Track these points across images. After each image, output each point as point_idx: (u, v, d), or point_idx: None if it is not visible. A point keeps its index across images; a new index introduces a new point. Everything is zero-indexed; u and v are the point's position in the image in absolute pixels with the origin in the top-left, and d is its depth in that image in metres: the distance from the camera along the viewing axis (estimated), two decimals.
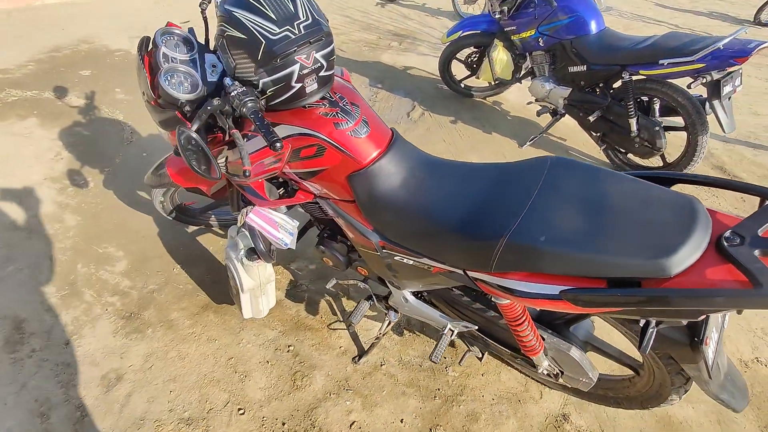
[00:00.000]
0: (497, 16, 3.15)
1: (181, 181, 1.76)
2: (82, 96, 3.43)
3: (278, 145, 1.05)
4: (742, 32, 2.31)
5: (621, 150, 3.04)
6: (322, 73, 1.18)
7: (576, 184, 1.04)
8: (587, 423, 1.57)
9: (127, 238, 2.24)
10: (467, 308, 1.44)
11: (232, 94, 1.13)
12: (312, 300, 1.97)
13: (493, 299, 1.22)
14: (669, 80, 2.56)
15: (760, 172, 3.21)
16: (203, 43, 1.42)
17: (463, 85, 3.88)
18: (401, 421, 1.56)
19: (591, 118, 2.89)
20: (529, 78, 3.33)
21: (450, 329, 1.46)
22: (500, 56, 3.26)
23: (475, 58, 3.68)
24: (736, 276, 0.82)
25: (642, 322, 1.02)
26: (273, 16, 1.08)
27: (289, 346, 1.78)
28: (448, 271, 1.22)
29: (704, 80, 2.41)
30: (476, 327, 1.41)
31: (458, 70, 3.86)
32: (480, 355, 1.56)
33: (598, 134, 3.02)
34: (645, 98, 2.77)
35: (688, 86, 2.44)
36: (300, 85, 1.17)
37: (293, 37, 1.09)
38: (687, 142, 2.68)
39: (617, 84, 2.83)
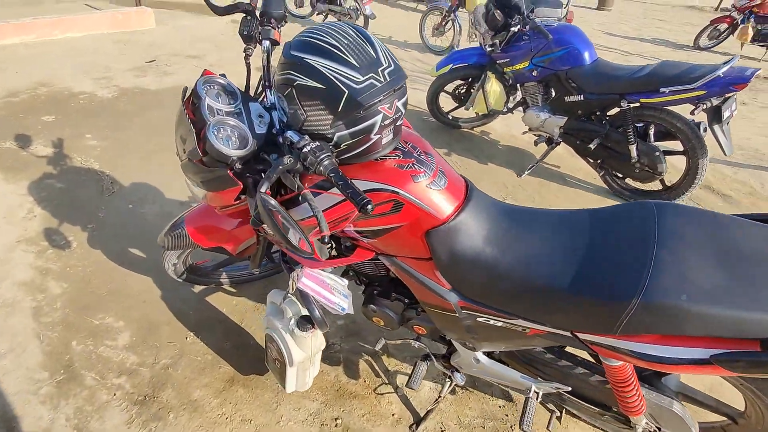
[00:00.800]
0: (489, 49, 3.17)
1: (204, 241, 1.58)
2: (49, 144, 3.13)
3: (369, 207, 0.91)
4: (735, 60, 2.41)
5: (619, 175, 3.08)
6: (398, 123, 1.07)
7: (698, 232, 0.97)
8: None
9: (126, 304, 1.99)
10: (550, 366, 1.32)
11: (305, 150, 0.98)
12: (349, 362, 1.79)
13: (603, 360, 1.12)
14: (667, 107, 2.63)
15: (745, 190, 3.34)
16: (245, 90, 1.27)
17: (450, 117, 3.87)
18: None
19: (591, 146, 2.92)
20: (521, 108, 3.36)
21: (535, 391, 1.33)
22: (494, 88, 3.27)
23: (463, 90, 3.69)
24: None
25: None
26: (355, 63, 0.96)
27: (336, 419, 1.59)
28: (548, 333, 1.11)
29: (704, 106, 2.49)
30: (569, 389, 1.30)
31: (444, 101, 3.86)
32: (558, 414, 1.45)
33: (597, 161, 3.06)
34: (641, 124, 2.83)
35: (692, 112, 2.50)
36: (378, 136, 1.05)
37: (379, 85, 0.97)
38: (687, 165, 2.75)
39: (613, 111, 2.89)
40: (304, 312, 1.39)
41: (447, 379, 1.55)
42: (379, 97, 0.97)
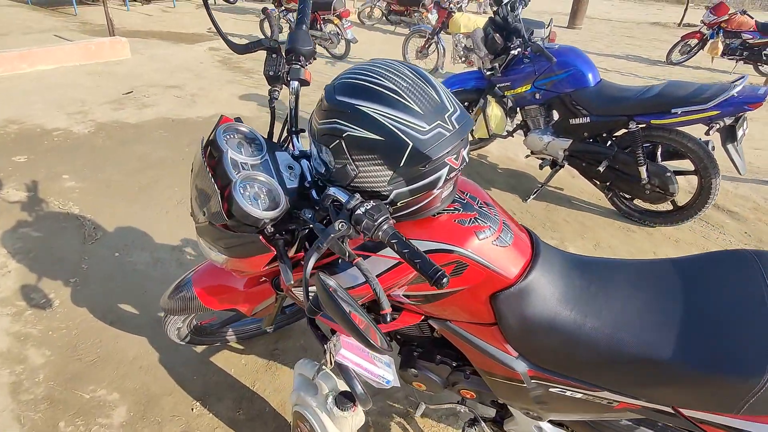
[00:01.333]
0: (489, 72, 3.09)
1: (215, 303, 1.39)
2: (22, 187, 2.87)
3: (445, 280, 0.76)
4: (746, 79, 2.37)
5: (627, 196, 3.01)
6: (456, 176, 0.92)
7: None
8: None
9: (120, 371, 1.76)
10: None
11: (358, 212, 0.82)
12: (380, 425, 1.61)
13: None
14: (678, 128, 2.57)
15: (748, 205, 3.32)
16: (268, 137, 1.11)
17: None
18: None
19: (600, 168, 2.85)
20: (522, 131, 3.28)
21: None
22: (495, 112, 3.18)
23: None
24: None
25: None
26: (419, 110, 0.81)
27: None
28: (643, 408, 0.96)
29: (718, 126, 2.44)
30: None
31: None
32: None
33: (606, 183, 2.98)
34: (647, 144, 2.77)
35: (706, 133, 2.45)
36: (440, 191, 0.90)
37: (447, 134, 0.82)
38: (699, 185, 2.69)
39: (619, 132, 2.83)
40: (342, 387, 1.21)
41: None
42: (447, 147, 0.82)
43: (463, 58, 5.42)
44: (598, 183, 3.03)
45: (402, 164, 0.82)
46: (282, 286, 1.20)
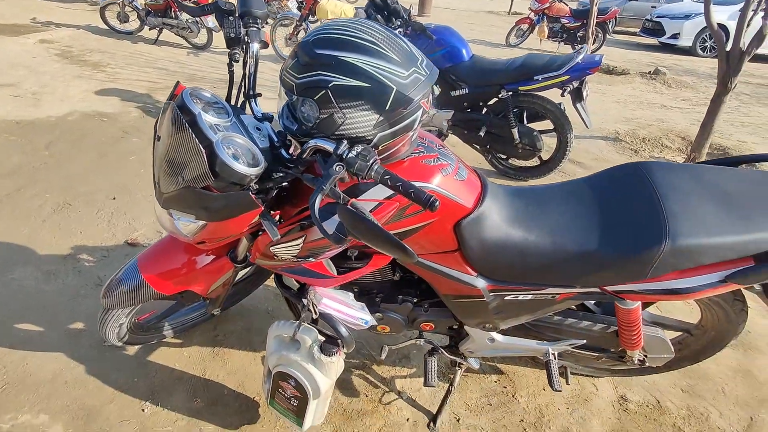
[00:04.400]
0: None
1: (169, 287, 1.34)
2: None
3: (437, 204, 0.88)
4: (586, 50, 2.90)
5: (503, 157, 3.45)
6: (426, 118, 1.05)
7: (686, 182, 1.16)
8: (641, 396, 1.73)
9: (40, 393, 1.56)
10: (559, 327, 1.43)
11: (350, 156, 0.90)
12: (343, 383, 1.69)
13: (620, 305, 1.26)
14: (538, 92, 3.04)
15: (590, 156, 4.04)
16: (227, 101, 1.11)
17: None
18: None
19: (481, 134, 3.22)
20: None
21: (552, 353, 1.43)
22: None
23: None
24: None
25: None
26: (397, 59, 0.92)
27: None
28: (579, 294, 1.21)
29: (569, 89, 2.94)
30: (584, 342, 1.43)
31: None
32: (568, 381, 1.55)
33: (485, 147, 3.38)
34: (515, 110, 3.22)
35: (562, 94, 2.94)
36: (412, 133, 1.02)
37: (423, 78, 0.94)
38: (558, 141, 3.21)
39: (493, 101, 3.23)
40: (324, 338, 1.27)
41: (456, 368, 1.57)
42: (423, 90, 0.94)
43: None
44: (479, 147, 3.42)
45: (387, 107, 0.92)
46: (254, 248, 1.21)
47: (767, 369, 1.91)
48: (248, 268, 1.82)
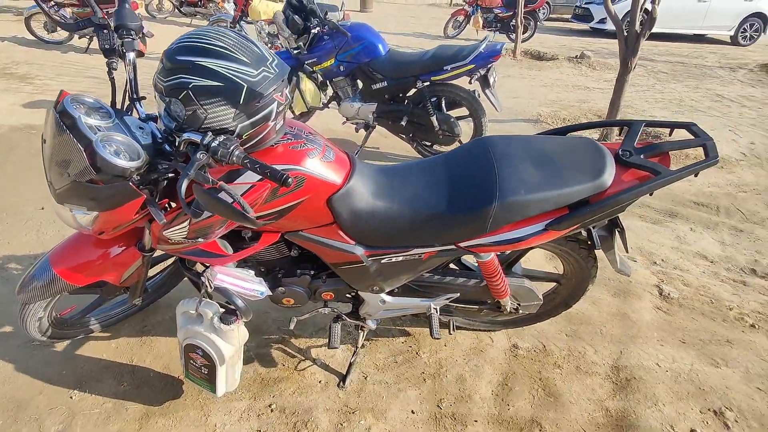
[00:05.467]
0: (295, 51, 3.41)
1: (81, 279, 1.47)
2: None
3: (290, 180, 1.06)
4: (488, 39, 3.15)
5: (427, 143, 3.68)
6: (285, 110, 1.23)
7: (517, 149, 1.38)
8: (530, 343, 1.98)
9: None
10: (438, 285, 1.65)
11: (213, 144, 1.07)
12: (262, 355, 1.85)
13: (477, 258, 1.48)
14: (451, 81, 3.27)
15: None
16: (112, 106, 1.25)
17: None
18: (412, 412, 1.67)
19: (403, 123, 3.43)
20: (335, 102, 3.70)
21: (434, 307, 1.64)
22: (308, 87, 3.53)
23: None
24: (640, 174, 1.29)
25: (584, 232, 1.43)
26: (246, 60, 1.09)
27: (269, 406, 1.66)
28: (438, 252, 1.42)
29: (477, 76, 3.18)
30: (457, 294, 1.64)
31: None
32: (455, 327, 1.78)
33: (409, 135, 3.59)
34: (434, 99, 3.44)
35: (469, 82, 3.17)
36: (274, 123, 1.19)
37: (271, 76, 1.12)
38: (474, 125, 3.46)
39: (412, 92, 3.44)
40: (223, 310, 1.43)
41: (359, 331, 1.77)
42: (273, 85, 1.12)
43: (269, 45, 5.63)
44: (404, 136, 3.63)
45: (241, 102, 1.09)
46: (152, 235, 1.35)
47: (640, 311, 2.20)
48: (170, 261, 1.95)
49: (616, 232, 1.50)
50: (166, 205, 1.33)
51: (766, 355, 1.98)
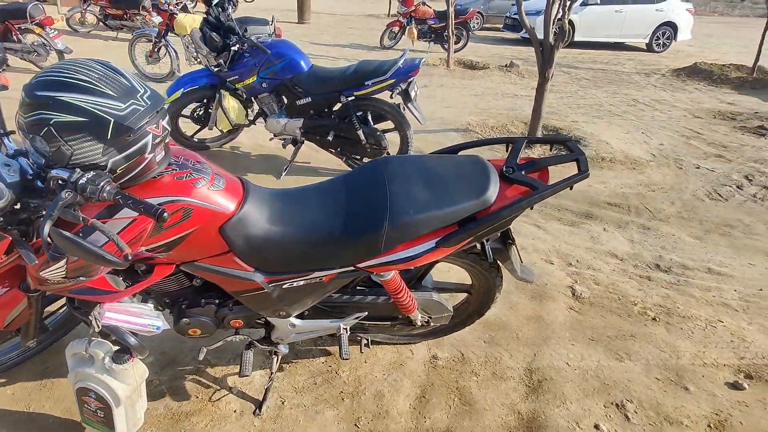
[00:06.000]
0: (216, 69, 3.34)
1: None
2: None
3: (166, 214, 1.04)
4: (407, 54, 3.22)
5: (357, 157, 3.70)
6: (166, 140, 1.20)
7: (409, 170, 1.42)
8: (449, 353, 2.03)
9: None
10: (346, 305, 1.65)
11: (81, 182, 1.03)
12: (174, 389, 1.79)
13: (377, 277, 1.50)
14: (374, 96, 3.32)
15: (442, 147, 4.42)
16: None
17: (196, 140, 3.90)
18: None
19: (330, 138, 3.44)
20: (262, 118, 3.66)
21: (343, 327, 1.65)
22: (231, 104, 3.47)
23: (201, 112, 3.77)
24: (521, 190, 1.36)
25: (478, 246, 1.49)
26: (113, 93, 1.06)
27: None
28: (339, 274, 1.43)
29: (398, 90, 3.25)
30: (366, 313, 1.65)
31: (185, 125, 3.86)
32: (366, 342, 1.80)
33: (337, 149, 3.60)
34: (360, 113, 3.47)
35: (391, 96, 3.23)
36: (152, 155, 1.16)
37: (142, 109, 1.09)
38: (400, 138, 3.52)
39: (338, 107, 3.46)
40: (116, 348, 1.37)
41: (273, 356, 1.74)
42: (145, 118, 1.09)
43: (198, 60, 5.48)
44: (333, 151, 3.64)
45: (110, 137, 1.05)
46: (30, 276, 1.28)
47: (554, 312, 2.31)
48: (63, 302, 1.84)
49: (509, 243, 1.57)
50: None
51: (664, 347, 2.13)
